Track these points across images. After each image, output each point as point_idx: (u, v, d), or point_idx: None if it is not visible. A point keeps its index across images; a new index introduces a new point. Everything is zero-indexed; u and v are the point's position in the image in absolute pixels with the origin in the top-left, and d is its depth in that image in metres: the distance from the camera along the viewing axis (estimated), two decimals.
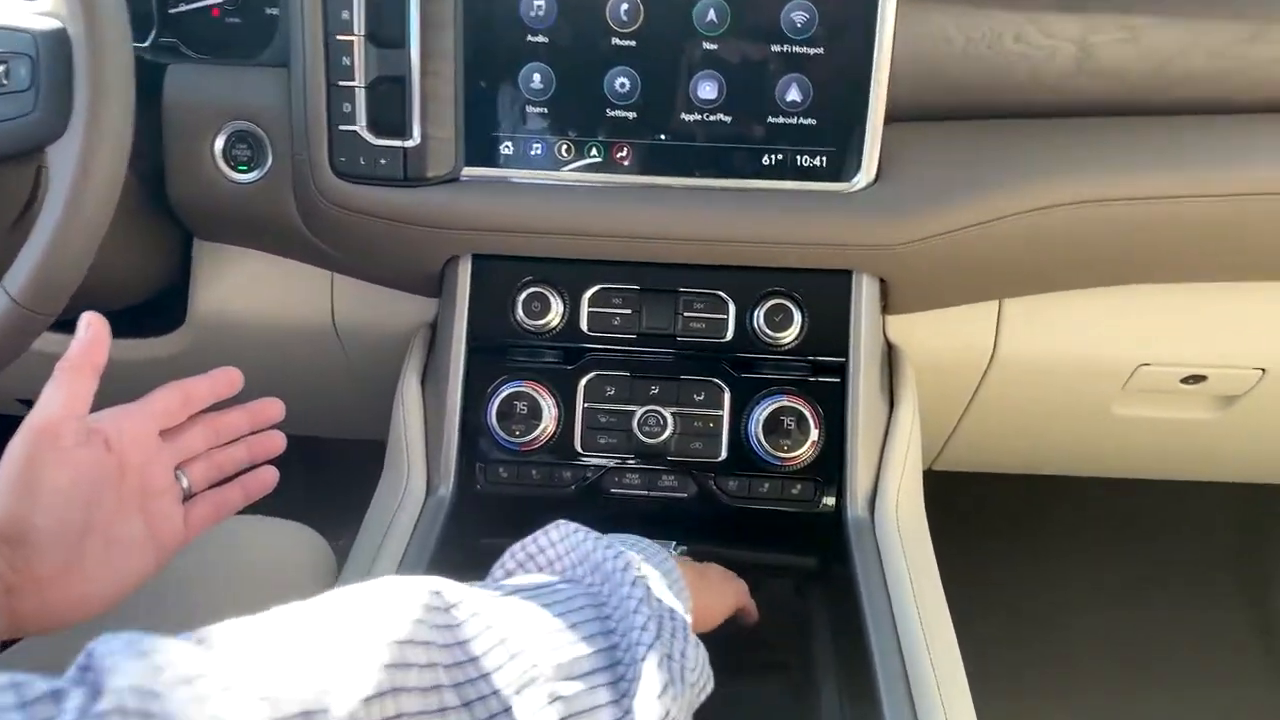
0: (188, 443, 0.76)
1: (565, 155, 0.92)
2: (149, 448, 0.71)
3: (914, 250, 0.90)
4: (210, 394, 0.77)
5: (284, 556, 0.93)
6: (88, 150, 0.68)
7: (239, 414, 0.80)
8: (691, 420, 0.94)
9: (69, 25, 0.68)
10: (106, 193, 0.70)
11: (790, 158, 0.91)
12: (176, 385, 0.75)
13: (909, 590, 0.85)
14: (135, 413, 0.72)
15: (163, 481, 0.72)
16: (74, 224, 0.69)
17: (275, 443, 0.82)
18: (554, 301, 0.95)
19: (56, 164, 0.69)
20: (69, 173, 0.68)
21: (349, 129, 0.90)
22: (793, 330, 0.94)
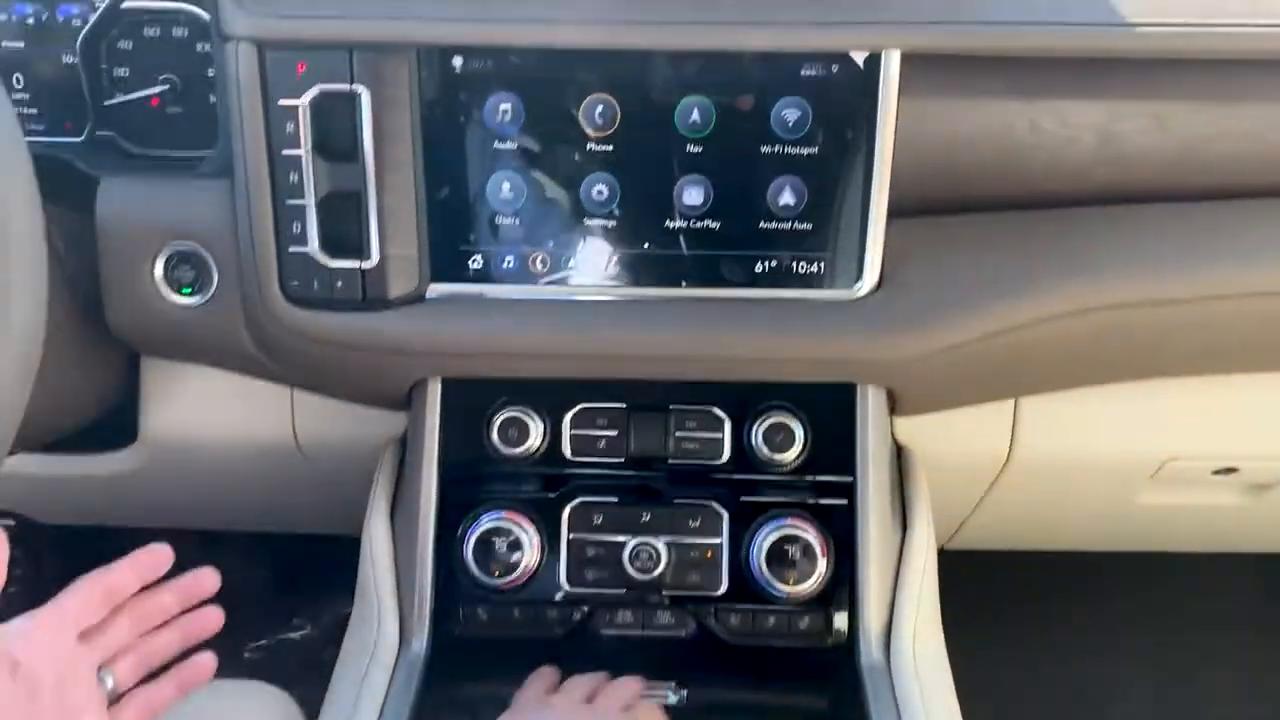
0: (111, 639, 0.67)
1: (540, 268, 0.83)
2: (64, 659, 0.63)
3: (921, 366, 0.82)
4: (136, 581, 0.69)
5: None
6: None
7: (168, 594, 0.71)
8: (687, 550, 0.87)
9: None
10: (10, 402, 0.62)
11: (785, 265, 0.83)
12: (95, 579, 0.67)
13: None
14: (47, 621, 0.63)
15: (83, 694, 0.63)
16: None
17: (211, 621, 0.74)
18: (533, 425, 0.87)
19: None
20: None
21: (300, 250, 0.81)
22: (794, 449, 0.86)
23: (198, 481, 1.09)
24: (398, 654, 0.85)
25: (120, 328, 0.88)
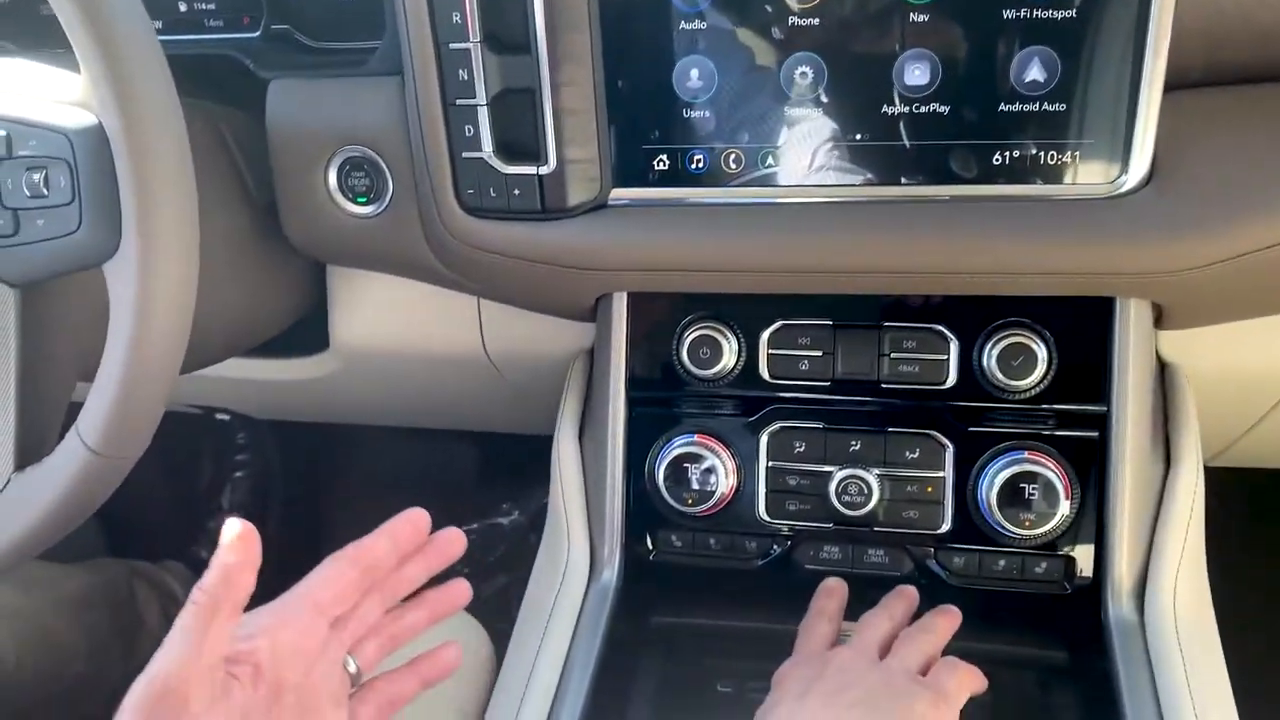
0: (360, 623, 0.62)
1: (734, 167, 0.73)
2: (310, 656, 0.58)
3: (1200, 276, 0.67)
4: (393, 558, 0.63)
5: None
6: (145, 275, 0.56)
7: (416, 566, 0.65)
8: (904, 484, 0.77)
9: (103, 118, 0.55)
10: (174, 321, 0.59)
11: (1030, 155, 0.69)
12: (351, 558, 0.61)
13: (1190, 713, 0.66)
14: (296, 613, 0.58)
15: (327, 689, 0.59)
16: (142, 362, 0.58)
17: (459, 595, 0.67)
18: (726, 344, 0.78)
19: (116, 287, 0.57)
20: (128, 302, 0.56)
21: (474, 156, 0.74)
22: (1035, 374, 0.74)
23: (390, 386, 1.08)
24: (588, 582, 0.81)
25: (297, 237, 0.85)
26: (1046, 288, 0.71)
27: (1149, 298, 0.72)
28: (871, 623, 0.70)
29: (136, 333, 0.57)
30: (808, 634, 0.71)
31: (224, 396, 1.23)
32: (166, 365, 0.59)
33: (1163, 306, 0.73)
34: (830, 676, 0.64)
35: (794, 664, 0.68)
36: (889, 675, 0.64)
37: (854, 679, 0.63)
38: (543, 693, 0.74)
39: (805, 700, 0.62)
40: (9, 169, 0.57)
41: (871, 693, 0.62)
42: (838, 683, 0.63)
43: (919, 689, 0.63)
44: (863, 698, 0.61)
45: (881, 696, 0.62)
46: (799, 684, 0.64)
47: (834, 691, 0.62)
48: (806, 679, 0.64)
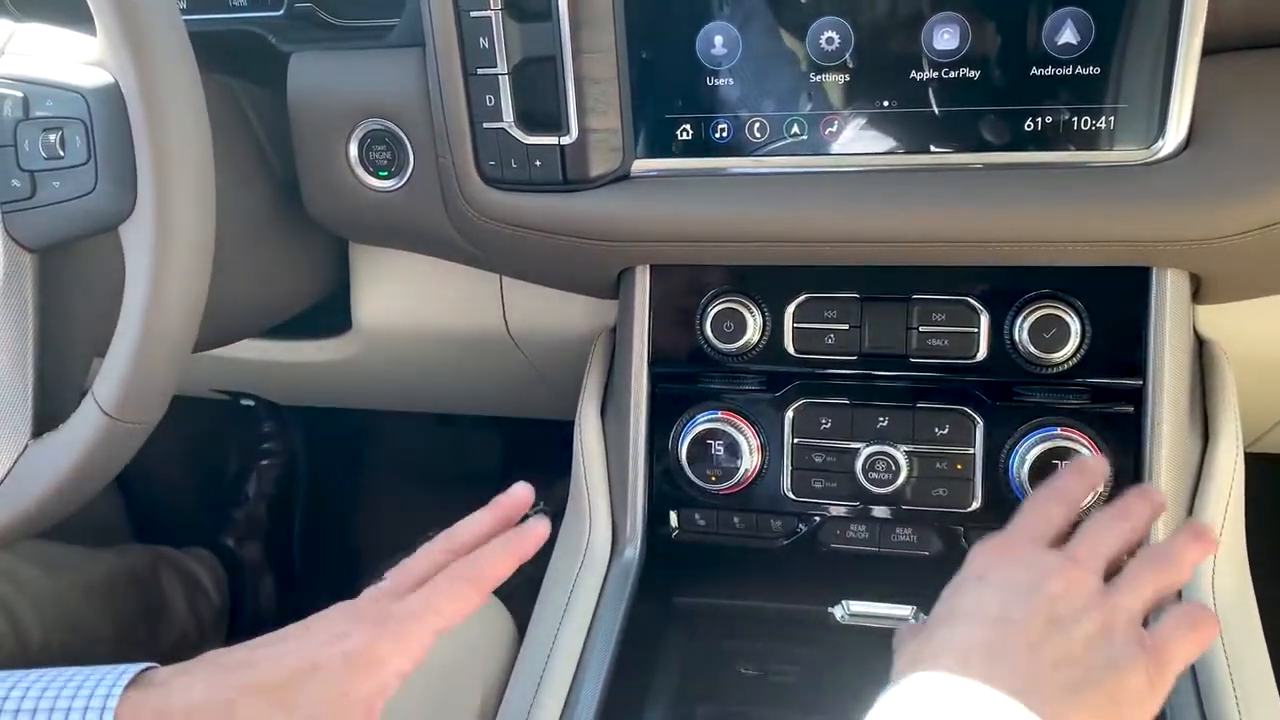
0: None
1: (759, 136, 0.72)
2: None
3: (1243, 242, 0.65)
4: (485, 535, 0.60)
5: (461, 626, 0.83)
6: (161, 236, 0.56)
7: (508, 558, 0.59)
8: (933, 461, 0.75)
9: (120, 78, 0.55)
10: (190, 282, 0.58)
11: (1063, 120, 0.67)
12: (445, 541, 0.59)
13: (1231, 700, 0.64)
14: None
15: None
16: (158, 324, 0.57)
17: (539, 534, 0.60)
18: (750, 318, 0.77)
19: (131, 249, 0.57)
20: (145, 263, 0.56)
21: (495, 126, 0.74)
22: (1069, 346, 0.72)
23: (414, 368, 1.08)
24: (610, 560, 0.79)
25: (318, 212, 0.84)
26: (1080, 257, 0.69)
27: (1186, 267, 0.70)
28: (1103, 534, 0.57)
29: (152, 295, 0.56)
30: (1034, 512, 0.59)
31: (248, 381, 1.23)
32: (183, 328, 0.59)
33: (1200, 277, 0.71)
34: (1042, 605, 0.52)
35: (1001, 550, 0.57)
36: (1110, 624, 0.51)
37: (1070, 617, 0.51)
38: (563, 670, 0.73)
39: (1008, 641, 0.50)
40: (26, 130, 0.57)
41: (1088, 647, 0.50)
42: (1050, 617, 0.51)
43: (1139, 655, 0.51)
44: (1074, 653, 0.50)
45: (1097, 654, 0.50)
46: (1002, 598, 0.53)
47: (1044, 635, 0.50)
48: (1014, 593, 0.53)
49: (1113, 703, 0.49)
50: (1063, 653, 0.50)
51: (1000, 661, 0.49)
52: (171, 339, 0.58)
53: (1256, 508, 0.77)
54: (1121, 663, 0.50)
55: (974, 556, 0.58)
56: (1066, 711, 0.48)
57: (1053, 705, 0.48)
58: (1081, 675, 0.50)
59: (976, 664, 0.49)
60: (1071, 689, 0.49)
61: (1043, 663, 0.50)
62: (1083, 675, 0.50)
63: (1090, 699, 0.49)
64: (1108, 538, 0.57)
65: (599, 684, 0.72)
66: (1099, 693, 0.49)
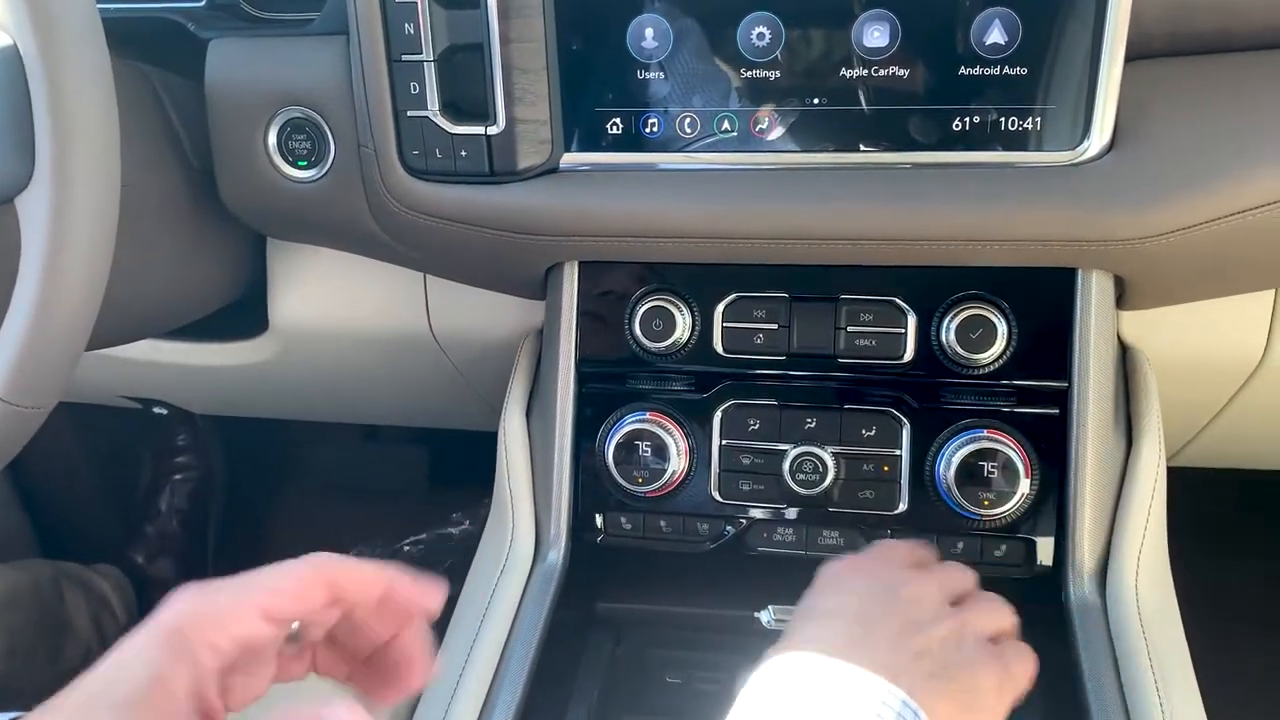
0: None
1: (689, 132, 0.71)
2: None
3: (1165, 244, 0.66)
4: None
5: None
6: (59, 207, 0.52)
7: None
8: (860, 463, 0.74)
9: (18, 39, 0.52)
10: (90, 260, 0.55)
11: (991, 121, 0.67)
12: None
13: (1155, 705, 0.64)
14: None
15: None
16: (55, 301, 0.54)
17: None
18: (680, 316, 0.76)
19: (27, 222, 0.54)
20: (41, 237, 0.53)
21: (419, 114, 0.72)
22: (995, 348, 0.72)
23: (334, 373, 1.04)
24: (532, 564, 0.77)
25: (234, 203, 0.81)
26: (1006, 257, 0.69)
27: (1110, 269, 0.70)
28: (954, 570, 0.61)
29: (50, 269, 0.53)
30: (890, 545, 0.63)
31: (159, 387, 1.18)
32: (83, 305, 0.56)
33: (1125, 281, 0.72)
34: (899, 609, 0.55)
35: (865, 560, 0.60)
36: (962, 629, 0.55)
37: (926, 620, 0.54)
38: (480, 677, 0.70)
39: (870, 633, 0.53)
40: None
41: (943, 645, 0.53)
42: (907, 619, 0.54)
43: (990, 659, 0.54)
44: (931, 648, 0.53)
45: (951, 653, 0.53)
46: (860, 599, 0.55)
47: (902, 631, 0.53)
48: (872, 596, 0.56)
49: (968, 693, 0.52)
50: (921, 646, 0.53)
51: (864, 649, 0.52)
52: (70, 317, 0.55)
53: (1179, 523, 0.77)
54: (974, 661, 0.54)
55: (828, 568, 0.61)
56: (927, 697, 0.50)
57: (915, 688, 0.50)
58: (939, 667, 0.52)
59: (841, 652, 0.52)
60: (931, 677, 0.52)
61: (904, 652, 0.52)
62: (940, 667, 0.52)
63: (948, 687, 0.52)
64: (956, 574, 0.61)
65: (516, 692, 0.69)
66: (955, 683, 0.52)
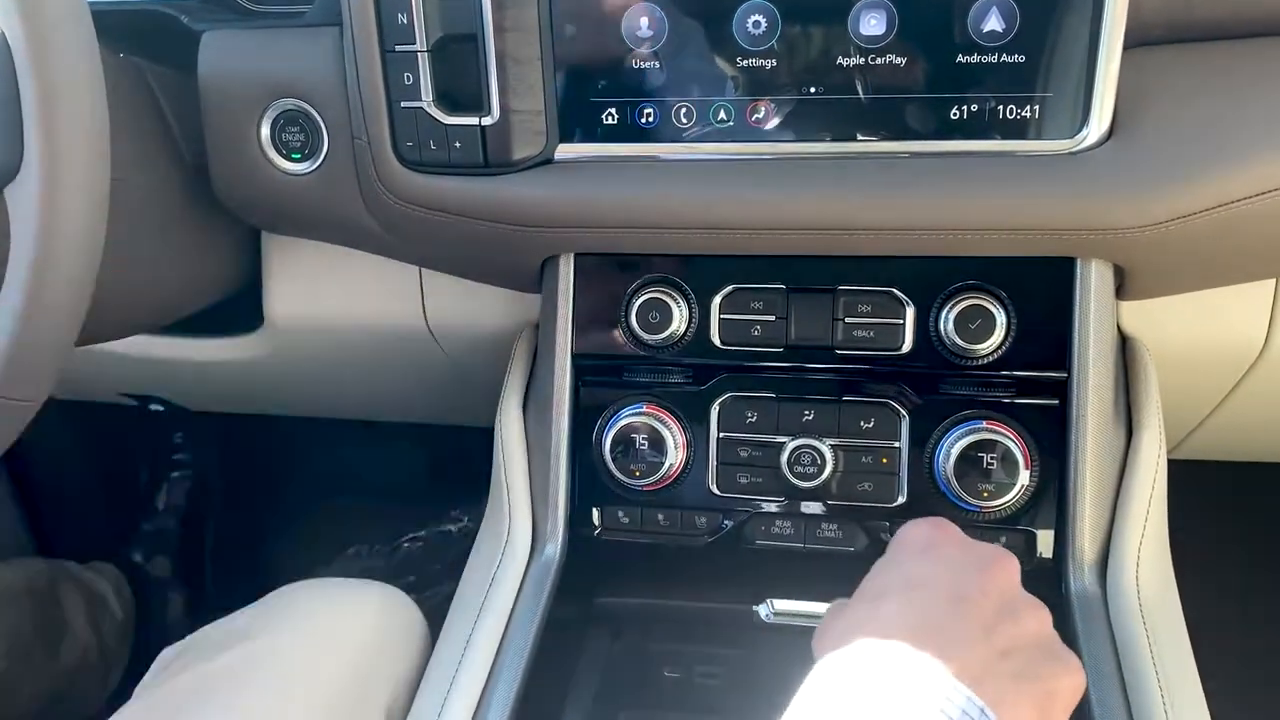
0: None
1: (685, 122, 0.70)
2: None
3: (1165, 232, 0.65)
4: None
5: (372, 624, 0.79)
6: (48, 196, 0.52)
7: None
8: (858, 455, 0.74)
9: (5, 27, 0.51)
10: (80, 249, 0.54)
11: (989, 109, 0.67)
12: None
13: (1157, 696, 0.63)
14: None
15: None
16: (45, 292, 0.53)
17: None
18: (676, 308, 0.75)
19: (17, 213, 0.53)
20: (31, 227, 0.52)
21: (413, 105, 0.71)
22: (994, 338, 0.71)
23: (330, 368, 1.04)
24: (529, 558, 0.77)
25: (227, 197, 0.81)
26: (1005, 247, 0.69)
27: (1110, 258, 0.70)
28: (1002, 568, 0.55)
29: (39, 258, 0.53)
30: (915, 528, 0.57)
31: (156, 383, 1.17)
32: (73, 296, 0.55)
33: (1124, 271, 0.71)
34: (991, 590, 0.51)
35: (938, 527, 0.56)
36: (1045, 626, 0.52)
37: (1017, 611, 0.51)
38: (476, 672, 0.70)
39: (964, 615, 0.49)
40: None
41: (1029, 644, 0.49)
42: (1000, 606, 0.50)
43: (1066, 662, 0.50)
44: (1019, 645, 0.49)
45: (1034, 653, 0.49)
46: (954, 574, 0.51)
47: (995, 620, 0.49)
48: (966, 573, 0.51)
49: (1049, 697, 0.48)
50: (1010, 641, 0.49)
51: (957, 644, 0.47)
52: (60, 308, 0.55)
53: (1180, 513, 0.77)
54: (1062, 659, 0.50)
55: (907, 532, 0.57)
56: (1011, 700, 0.46)
57: (1000, 695, 0.46)
58: (1024, 666, 0.48)
59: (931, 643, 0.47)
60: (1016, 678, 0.47)
61: (994, 649, 0.48)
62: (1025, 666, 0.48)
63: (1031, 690, 0.47)
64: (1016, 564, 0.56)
65: (513, 687, 0.69)
66: (1039, 686, 0.48)
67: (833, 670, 0.47)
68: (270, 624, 0.76)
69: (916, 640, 0.47)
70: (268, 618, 0.78)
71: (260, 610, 0.79)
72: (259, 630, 0.76)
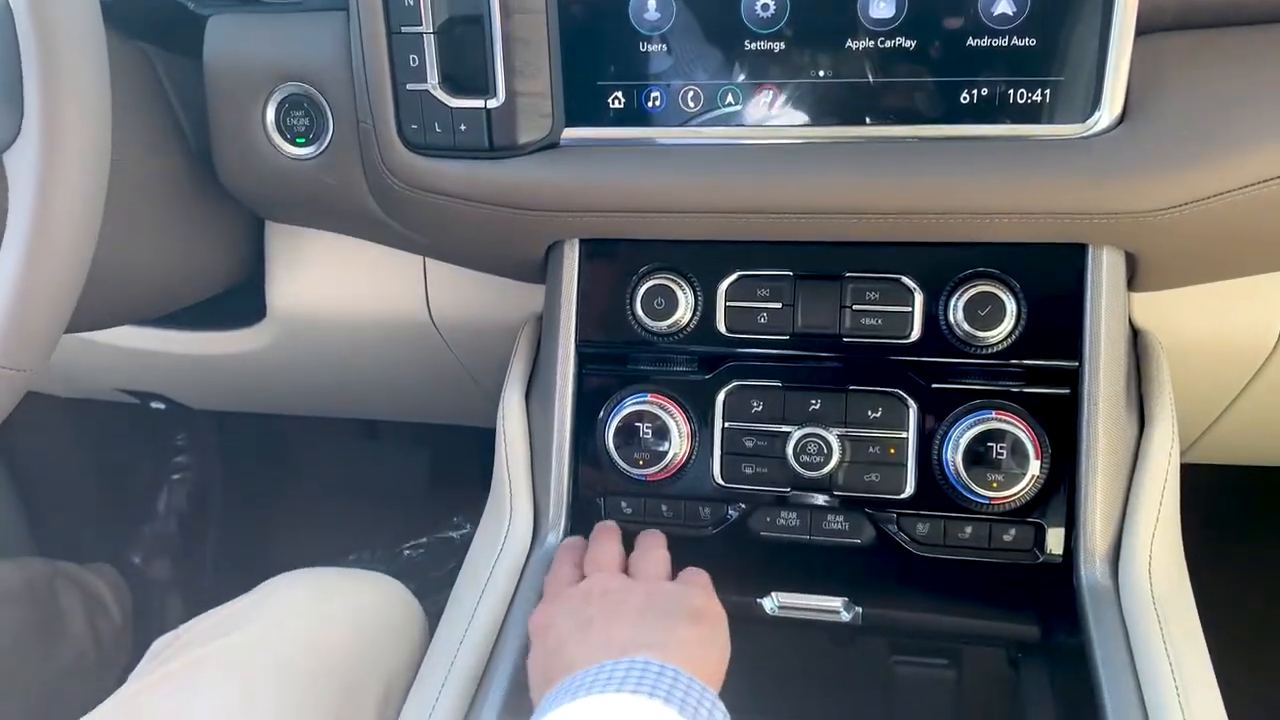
0: None
1: (692, 106, 0.70)
2: None
3: (1176, 217, 0.65)
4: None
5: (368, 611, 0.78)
6: (47, 162, 0.51)
7: None
8: (865, 445, 0.73)
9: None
10: (79, 214, 0.54)
11: (1000, 93, 0.66)
12: None
13: (1171, 688, 0.62)
14: None
15: None
16: (42, 258, 0.53)
17: None
18: (682, 295, 0.74)
19: (16, 178, 0.53)
20: (29, 192, 0.52)
21: (418, 88, 0.71)
22: (1004, 325, 0.70)
23: (332, 363, 1.03)
24: (530, 549, 0.75)
25: (232, 182, 0.80)
26: (1015, 231, 0.68)
27: (1121, 245, 0.69)
28: (600, 555, 0.69)
29: (37, 224, 0.52)
30: (553, 578, 0.69)
31: (156, 378, 1.17)
32: (70, 264, 0.54)
33: (1136, 260, 0.70)
34: (599, 602, 0.62)
35: (549, 604, 0.65)
36: (649, 585, 0.64)
37: (623, 597, 0.62)
38: (473, 663, 0.68)
39: (589, 631, 0.59)
40: None
41: (649, 600, 0.61)
42: (610, 604, 0.61)
43: (683, 591, 0.63)
44: (645, 606, 0.61)
45: (657, 603, 0.61)
46: (570, 619, 0.61)
47: (612, 615, 0.60)
48: (576, 612, 0.62)
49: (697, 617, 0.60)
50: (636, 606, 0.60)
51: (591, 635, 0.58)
52: (57, 275, 0.54)
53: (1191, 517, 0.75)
54: (679, 594, 0.62)
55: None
56: (664, 637, 0.57)
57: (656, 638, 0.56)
58: (655, 612, 0.60)
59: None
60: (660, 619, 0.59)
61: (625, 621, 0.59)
62: (654, 611, 0.60)
63: (674, 621, 0.59)
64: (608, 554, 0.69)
65: (508, 679, 0.67)
66: (674, 617, 0.59)
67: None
68: (263, 611, 0.75)
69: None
70: (261, 606, 0.76)
71: (253, 599, 0.78)
72: (252, 618, 0.75)
